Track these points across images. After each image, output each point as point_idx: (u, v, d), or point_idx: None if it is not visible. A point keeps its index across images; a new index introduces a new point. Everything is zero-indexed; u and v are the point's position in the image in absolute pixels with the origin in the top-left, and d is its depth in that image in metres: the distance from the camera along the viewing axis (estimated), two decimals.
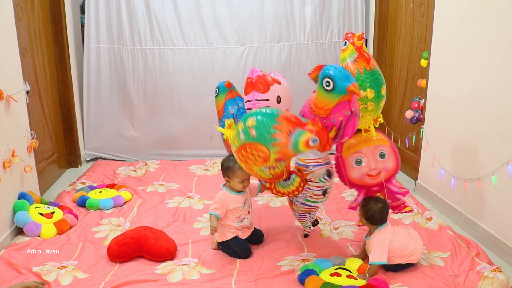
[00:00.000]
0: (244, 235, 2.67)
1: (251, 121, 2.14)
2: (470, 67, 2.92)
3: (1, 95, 2.79)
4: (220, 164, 2.73)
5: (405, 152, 4.05)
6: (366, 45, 4.68)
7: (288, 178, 2.47)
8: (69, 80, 4.27)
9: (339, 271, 2.33)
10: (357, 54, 2.33)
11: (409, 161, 3.99)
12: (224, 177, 2.65)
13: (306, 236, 2.88)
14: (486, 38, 2.76)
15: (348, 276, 2.28)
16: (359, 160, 2.45)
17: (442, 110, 3.28)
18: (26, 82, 3.22)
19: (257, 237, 2.77)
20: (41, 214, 2.97)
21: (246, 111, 2.56)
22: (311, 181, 2.52)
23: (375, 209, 2.40)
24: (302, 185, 2.47)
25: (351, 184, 2.55)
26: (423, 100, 3.56)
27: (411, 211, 2.89)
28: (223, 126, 2.34)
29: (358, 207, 2.53)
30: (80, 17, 4.61)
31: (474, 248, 2.65)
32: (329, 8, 4.50)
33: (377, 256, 2.32)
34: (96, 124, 4.61)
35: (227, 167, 2.60)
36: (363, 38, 2.35)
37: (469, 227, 2.98)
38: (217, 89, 2.86)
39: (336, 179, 2.60)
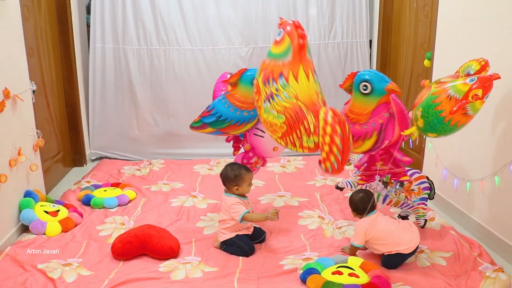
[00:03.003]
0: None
1: None
2: None
3: (8, 94, 2.82)
4: (220, 173, 2.75)
5: (408, 153, 4.05)
6: (370, 46, 4.70)
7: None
8: (74, 79, 4.30)
9: (341, 269, 2.34)
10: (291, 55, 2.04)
11: (413, 161, 3.99)
12: (233, 187, 2.67)
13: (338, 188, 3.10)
14: (489, 38, 2.77)
15: (350, 275, 2.28)
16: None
17: None
18: (32, 82, 3.25)
19: (259, 236, 2.80)
20: (46, 212, 2.99)
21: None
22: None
23: (356, 199, 2.57)
24: (330, 113, 2.01)
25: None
26: None
27: (409, 181, 2.85)
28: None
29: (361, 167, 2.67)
30: (86, 17, 4.64)
31: (476, 248, 2.65)
32: (332, 9, 4.51)
33: (353, 238, 2.56)
34: (101, 124, 4.64)
35: (236, 176, 2.65)
36: (304, 37, 2.04)
37: (472, 227, 2.99)
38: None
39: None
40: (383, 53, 4.51)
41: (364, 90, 2.17)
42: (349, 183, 3.08)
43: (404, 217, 2.93)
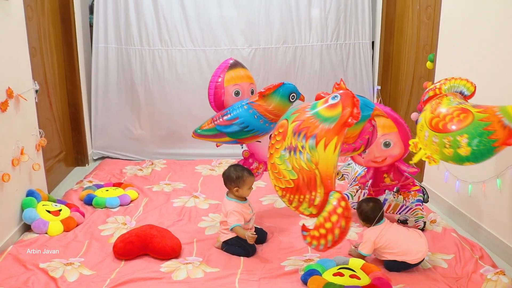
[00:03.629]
0: None
1: None
2: (476, 69, 2.92)
3: (11, 94, 2.83)
4: (223, 172, 2.76)
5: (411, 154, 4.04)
6: (373, 47, 4.71)
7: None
8: (77, 79, 4.31)
9: (342, 271, 2.34)
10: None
11: (419, 170, 3.99)
12: (232, 188, 2.68)
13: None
14: (492, 40, 2.77)
15: (351, 276, 2.29)
16: (387, 143, 2.49)
17: None
18: (35, 81, 3.26)
19: (261, 237, 2.80)
20: (48, 211, 3.00)
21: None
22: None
23: (366, 209, 2.52)
24: (342, 204, 1.95)
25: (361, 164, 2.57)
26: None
27: (419, 189, 2.89)
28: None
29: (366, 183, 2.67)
30: (88, 18, 4.65)
31: (478, 251, 2.65)
32: (335, 10, 4.51)
33: (361, 247, 2.52)
34: (104, 124, 4.65)
35: (238, 177, 2.66)
36: (357, 118, 2.01)
37: (473, 230, 2.99)
38: (295, 95, 2.71)
39: None
40: (386, 54, 4.51)
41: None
42: (347, 195, 3.13)
43: (404, 221, 2.94)
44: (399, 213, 2.90)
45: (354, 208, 3.00)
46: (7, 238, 2.75)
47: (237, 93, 2.78)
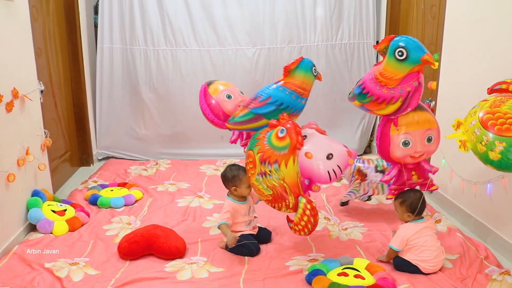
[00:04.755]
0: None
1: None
2: (481, 69, 2.91)
3: (16, 94, 2.84)
4: (221, 173, 2.78)
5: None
6: None
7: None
8: (82, 79, 4.33)
9: (346, 271, 2.34)
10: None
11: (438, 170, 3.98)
12: (231, 187, 2.71)
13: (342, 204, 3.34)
14: (497, 40, 2.76)
15: (356, 276, 2.29)
16: (407, 142, 2.44)
17: (452, 112, 3.27)
18: (41, 82, 3.28)
19: (265, 236, 2.80)
20: (53, 211, 3.02)
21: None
22: None
23: (415, 198, 2.45)
24: (308, 206, 2.49)
25: (388, 159, 2.54)
26: (434, 102, 3.55)
27: (437, 189, 2.86)
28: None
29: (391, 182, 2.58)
30: (93, 18, 4.67)
31: (483, 251, 2.64)
32: (340, 9, 4.51)
33: (393, 240, 2.48)
34: (108, 124, 4.66)
35: (233, 176, 2.68)
36: (302, 144, 2.43)
37: (478, 230, 2.98)
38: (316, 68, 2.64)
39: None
40: None
41: (400, 56, 2.18)
42: (352, 192, 3.12)
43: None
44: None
45: (364, 201, 3.29)
46: (12, 238, 2.77)
47: (229, 97, 2.77)
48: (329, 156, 2.41)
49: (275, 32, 4.49)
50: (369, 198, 3.24)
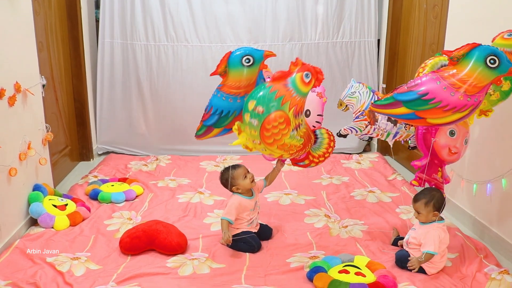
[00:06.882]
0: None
1: (251, 104, 2.28)
2: None
3: (19, 88, 2.84)
4: (220, 182, 2.80)
5: (416, 154, 4.05)
6: (378, 45, 4.70)
7: (316, 138, 2.71)
8: (83, 74, 4.33)
9: (347, 268, 2.35)
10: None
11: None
12: (232, 189, 2.72)
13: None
14: None
15: (357, 273, 2.30)
16: (453, 132, 2.48)
17: None
18: (42, 76, 3.27)
19: (266, 233, 2.82)
20: (54, 206, 3.02)
21: None
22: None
23: (438, 196, 2.46)
24: (332, 138, 2.75)
25: (426, 147, 2.56)
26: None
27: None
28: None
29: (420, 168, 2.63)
30: (95, 12, 4.66)
31: (482, 250, 2.66)
32: (341, 7, 4.50)
33: (430, 246, 2.38)
34: (109, 119, 4.66)
35: (227, 180, 2.72)
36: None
37: (478, 229, 2.99)
38: (251, 57, 2.47)
39: None
40: (391, 53, 4.51)
41: (492, 63, 2.13)
42: (353, 128, 2.94)
43: (414, 147, 2.90)
44: (410, 140, 2.90)
45: (364, 140, 3.20)
46: (14, 232, 2.77)
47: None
48: (307, 113, 2.64)
49: (277, 29, 4.49)
50: (369, 139, 3.13)
